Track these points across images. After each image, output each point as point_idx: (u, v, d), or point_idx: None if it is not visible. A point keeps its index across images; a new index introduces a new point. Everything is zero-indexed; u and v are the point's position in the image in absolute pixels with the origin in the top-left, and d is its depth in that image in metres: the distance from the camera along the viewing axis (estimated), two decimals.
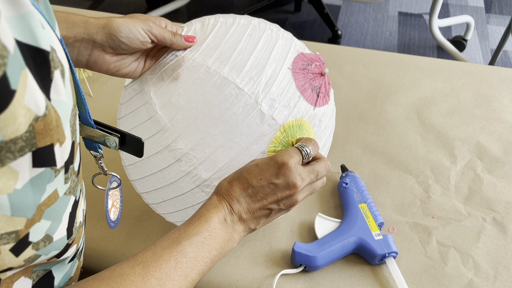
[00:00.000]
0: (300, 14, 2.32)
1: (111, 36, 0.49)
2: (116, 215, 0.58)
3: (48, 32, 0.29)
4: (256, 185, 0.47)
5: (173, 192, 0.52)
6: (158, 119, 0.50)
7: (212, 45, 0.52)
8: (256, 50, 0.52)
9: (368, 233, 0.60)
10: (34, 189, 0.29)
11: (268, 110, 0.50)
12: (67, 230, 0.36)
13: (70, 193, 0.35)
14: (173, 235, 0.43)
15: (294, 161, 0.48)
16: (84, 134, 0.48)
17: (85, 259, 0.63)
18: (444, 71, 0.92)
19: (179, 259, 0.41)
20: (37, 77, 0.26)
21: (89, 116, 0.45)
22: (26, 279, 0.35)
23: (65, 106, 0.30)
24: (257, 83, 0.50)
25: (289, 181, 0.48)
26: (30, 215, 0.30)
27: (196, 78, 0.50)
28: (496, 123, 0.81)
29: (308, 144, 0.50)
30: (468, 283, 0.59)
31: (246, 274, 0.60)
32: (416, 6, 2.36)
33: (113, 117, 0.83)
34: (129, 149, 0.49)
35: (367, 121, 0.82)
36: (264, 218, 0.49)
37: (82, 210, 0.40)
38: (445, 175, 0.73)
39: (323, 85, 0.55)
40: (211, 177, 0.50)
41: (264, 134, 0.50)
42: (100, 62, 0.51)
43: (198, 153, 0.49)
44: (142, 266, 0.39)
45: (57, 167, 0.30)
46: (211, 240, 0.44)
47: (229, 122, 0.49)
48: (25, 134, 0.26)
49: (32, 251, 0.32)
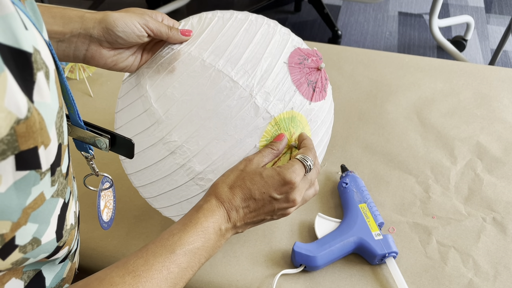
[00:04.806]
0: (300, 14, 2.32)
1: (107, 31, 0.49)
2: (109, 216, 0.58)
3: (31, 33, 0.28)
4: (258, 198, 0.47)
5: (168, 185, 0.52)
6: (153, 112, 0.50)
7: (208, 38, 0.52)
8: (252, 44, 0.52)
9: (368, 233, 0.60)
10: (18, 192, 0.28)
11: (262, 104, 0.50)
12: (56, 233, 0.35)
13: (58, 196, 0.34)
14: (166, 242, 0.42)
15: (299, 179, 0.47)
16: (75, 135, 0.47)
17: (85, 259, 0.63)
18: (444, 71, 0.92)
19: (172, 269, 0.41)
20: (18, 79, 0.26)
21: (78, 117, 0.44)
22: (17, 280, 0.35)
23: (50, 108, 0.30)
24: (252, 76, 0.50)
25: (290, 197, 0.48)
26: (15, 218, 0.29)
27: (191, 71, 0.50)
28: (496, 123, 0.81)
29: (310, 155, 0.49)
30: (468, 283, 0.59)
31: (246, 274, 0.60)
32: (416, 6, 2.36)
33: (113, 117, 0.82)
34: (119, 150, 0.49)
35: (367, 121, 0.82)
36: (253, 224, 0.49)
37: (74, 212, 0.40)
38: (445, 175, 0.73)
39: (319, 79, 0.55)
40: (205, 170, 0.50)
41: (258, 127, 0.50)
42: (98, 57, 0.51)
43: (192, 146, 0.49)
44: (133, 275, 0.38)
45: (42, 170, 0.30)
46: (203, 249, 0.44)
47: (223, 115, 0.49)
48: (7, 137, 0.25)
49: (19, 254, 0.31)
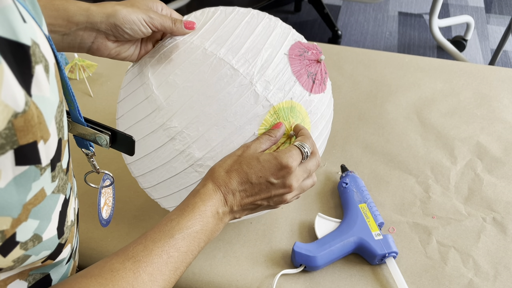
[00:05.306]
0: (300, 14, 2.32)
1: (115, 27, 0.51)
2: (108, 213, 0.58)
3: (30, 26, 0.28)
4: (255, 182, 0.47)
5: (167, 172, 0.53)
6: (154, 98, 0.51)
7: (211, 29, 0.54)
8: (253, 35, 0.53)
9: (368, 233, 0.60)
10: (18, 187, 0.28)
11: (262, 92, 0.50)
12: (58, 229, 0.35)
13: (59, 192, 0.34)
14: (165, 227, 0.42)
15: (296, 164, 0.48)
16: (75, 132, 0.48)
17: (85, 259, 0.63)
18: (444, 71, 0.92)
19: (172, 253, 0.41)
20: (16, 72, 0.25)
21: (79, 113, 0.44)
22: (21, 281, 0.35)
23: (49, 102, 0.29)
24: (253, 65, 0.51)
25: (286, 182, 0.48)
26: (15, 214, 0.29)
27: (193, 59, 0.51)
28: (496, 123, 0.81)
29: (307, 143, 0.50)
30: (468, 283, 0.59)
31: (246, 274, 0.60)
32: (416, 6, 2.36)
33: (113, 117, 0.82)
34: (120, 147, 0.49)
35: (367, 121, 0.82)
36: (250, 210, 0.50)
37: (73, 209, 0.40)
38: (445, 175, 0.73)
39: (319, 72, 0.56)
40: (204, 157, 0.51)
41: (258, 115, 0.51)
42: (103, 48, 0.53)
43: (191, 132, 0.50)
44: (133, 261, 0.39)
45: (42, 165, 0.29)
46: (202, 233, 0.44)
47: (223, 102, 0.50)
48: (5, 131, 0.25)
49: (20, 251, 0.31)
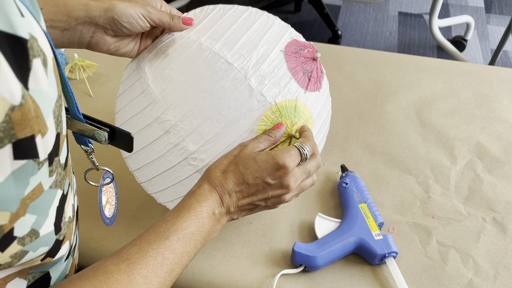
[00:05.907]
0: (300, 14, 2.32)
1: (113, 21, 0.51)
2: (111, 212, 0.58)
3: (28, 21, 0.28)
4: (251, 182, 0.47)
5: (162, 166, 0.53)
6: (150, 92, 0.52)
7: (208, 25, 0.55)
8: (250, 31, 0.54)
9: (368, 233, 0.60)
10: (17, 182, 0.28)
11: (257, 86, 0.51)
12: (55, 225, 0.35)
13: (57, 187, 0.34)
14: (160, 229, 0.42)
15: (294, 165, 0.48)
16: (74, 129, 0.48)
17: (85, 259, 0.63)
18: (444, 71, 0.92)
19: (167, 255, 0.40)
20: (13, 65, 0.26)
21: (77, 110, 0.44)
22: (21, 280, 0.35)
23: (47, 96, 0.29)
24: (248, 59, 0.51)
25: (284, 182, 0.48)
26: (14, 209, 0.29)
27: (188, 53, 0.52)
28: (496, 123, 0.81)
29: (308, 145, 0.50)
30: (468, 283, 0.59)
31: (246, 274, 0.60)
32: (416, 6, 2.36)
33: (113, 117, 0.82)
34: (119, 143, 0.50)
35: (367, 121, 0.82)
36: (248, 211, 0.50)
37: (72, 205, 0.40)
38: (445, 175, 0.73)
39: (314, 70, 0.56)
40: (198, 150, 0.51)
41: (252, 109, 0.51)
42: (102, 43, 0.53)
43: (186, 125, 0.50)
44: (128, 263, 0.38)
45: (40, 159, 0.30)
46: (198, 234, 0.44)
47: (217, 95, 0.50)
48: (2, 125, 0.25)
49: (18, 246, 0.31)
